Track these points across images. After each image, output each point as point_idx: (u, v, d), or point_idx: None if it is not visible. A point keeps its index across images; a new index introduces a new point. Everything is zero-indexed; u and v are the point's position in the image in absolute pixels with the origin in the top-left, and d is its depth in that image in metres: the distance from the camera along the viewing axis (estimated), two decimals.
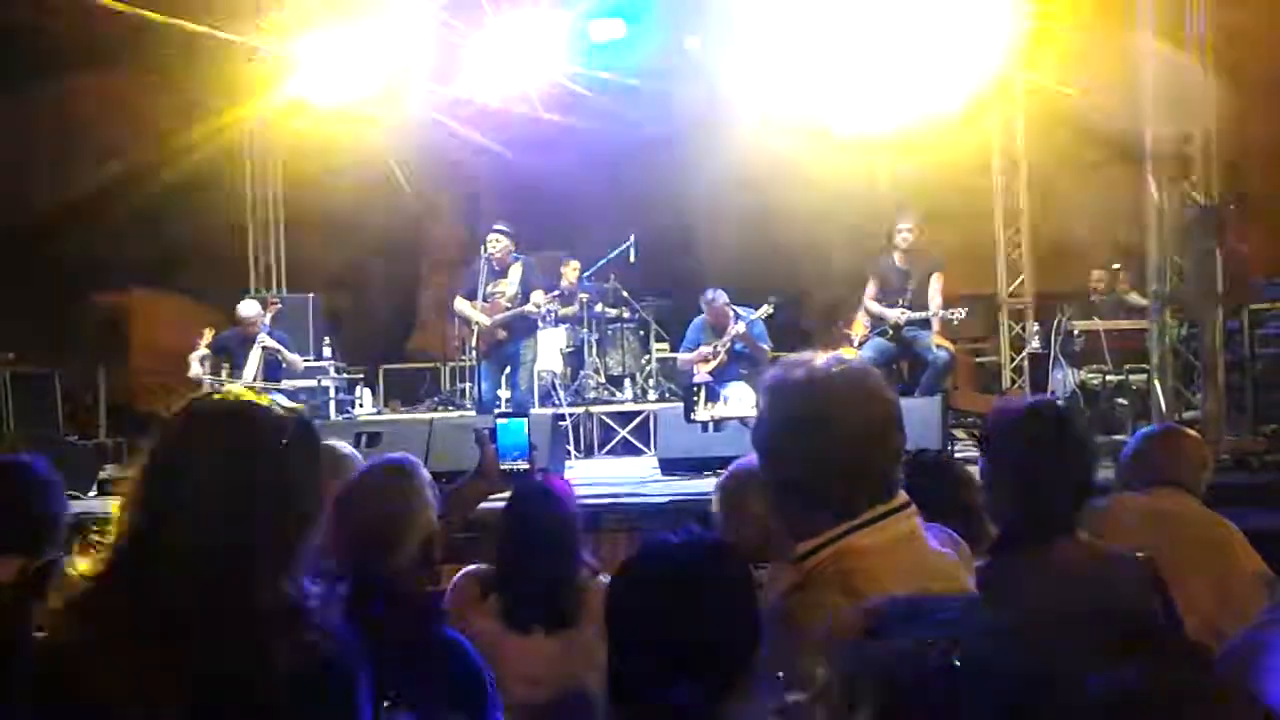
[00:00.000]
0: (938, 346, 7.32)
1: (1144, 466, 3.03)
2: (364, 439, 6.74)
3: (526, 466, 2.68)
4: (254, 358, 7.66)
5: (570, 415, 8.63)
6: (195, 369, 7.84)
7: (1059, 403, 5.34)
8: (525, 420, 2.72)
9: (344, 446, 2.82)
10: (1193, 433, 3.37)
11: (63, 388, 10.73)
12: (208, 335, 8.17)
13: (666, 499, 5.84)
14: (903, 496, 1.56)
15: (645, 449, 8.51)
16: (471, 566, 2.77)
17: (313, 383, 9.57)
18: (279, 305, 8.32)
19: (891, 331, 7.44)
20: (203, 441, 1.47)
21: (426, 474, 2.30)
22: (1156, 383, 6.88)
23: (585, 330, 9.88)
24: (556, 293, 9.17)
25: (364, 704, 1.44)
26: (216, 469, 1.43)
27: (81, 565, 1.47)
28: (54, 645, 1.45)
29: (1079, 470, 2.24)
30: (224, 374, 7.98)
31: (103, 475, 7.30)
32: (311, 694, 1.38)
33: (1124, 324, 7.93)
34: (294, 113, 11.21)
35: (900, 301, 7.45)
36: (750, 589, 1.56)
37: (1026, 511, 2.21)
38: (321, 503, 1.56)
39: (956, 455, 6.77)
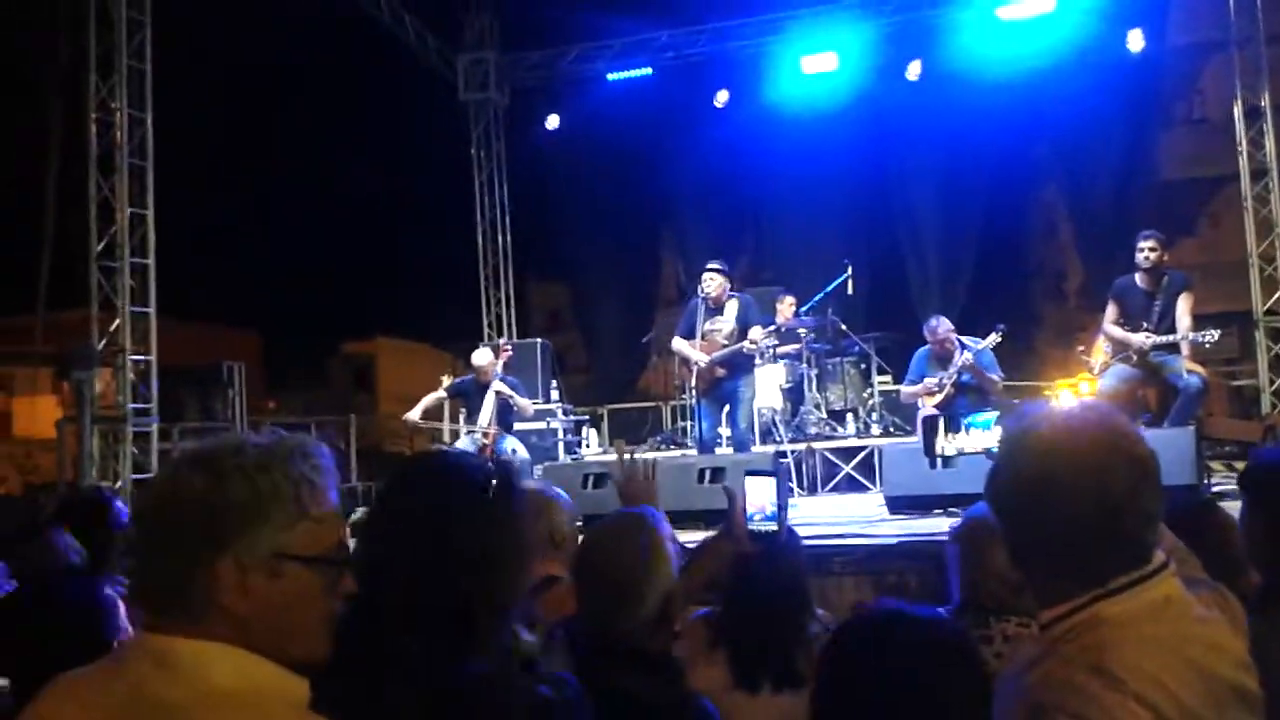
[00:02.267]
0: (1189, 372, 6.75)
1: None
2: (591, 480, 6.94)
3: (774, 528, 2.55)
4: (488, 403, 8.01)
5: (792, 452, 8.56)
6: (414, 414, 8.23)
7: None
8: (775, 479, 2.59)
9: (553, 490, 2.82)
10: None
11: (317, 433, 11.61)
12: (446, 380, 8.64)
13: (895, 539, 5.69)
14: (1159, 557, 1.42)
15: (870, 485, 8.33)
16: (702, 610, 2.69)
17: (542, 425, 9.95)
18: (510, 352, 8.67)
19: (1136, 357, 6.92)
20: (405, 498, 1.53)
21: (668, 527, 2.22)
22: None
23: (804, 365, 9.80)
24: (774, 328, 9.14)
25: None
26: (417, 525, 1.47)
27: None
28: None
29: None
30: (461, 418, 8.41)
31: (353, 519, 7.79)
32: None
33: None
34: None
35: (1145, 325, 6.92)
36: (984, 689, 1.47)
37: None
38: (529, 555, 1.57)
39: (1214, 488, 6.28)
